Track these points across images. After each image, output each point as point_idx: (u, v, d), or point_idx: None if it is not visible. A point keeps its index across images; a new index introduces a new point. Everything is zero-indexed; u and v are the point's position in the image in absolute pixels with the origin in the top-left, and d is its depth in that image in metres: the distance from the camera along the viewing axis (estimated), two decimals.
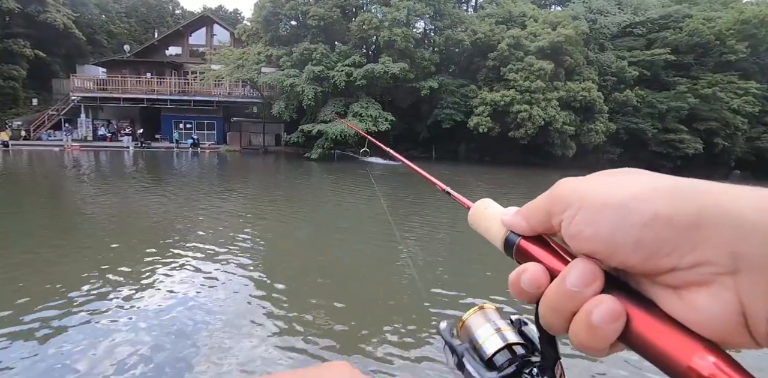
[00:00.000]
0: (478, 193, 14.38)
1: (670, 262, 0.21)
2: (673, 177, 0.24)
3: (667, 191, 0.22)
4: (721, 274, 0.20)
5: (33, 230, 7.31)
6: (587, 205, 0.24)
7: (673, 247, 0.21)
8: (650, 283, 0.23)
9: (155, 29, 39.24)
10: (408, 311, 4.58)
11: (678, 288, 0.22)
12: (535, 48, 23.36)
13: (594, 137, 24.79)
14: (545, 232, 0.28)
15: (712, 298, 0.20)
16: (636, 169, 0.26)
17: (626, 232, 0.22)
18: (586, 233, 0.24)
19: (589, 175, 0.27)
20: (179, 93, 27.62)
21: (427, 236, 8.03)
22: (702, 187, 0.22)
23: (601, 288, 0.24)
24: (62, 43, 30.63)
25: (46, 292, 4.61)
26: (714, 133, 26.18)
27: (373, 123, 21.68)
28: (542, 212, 0.28)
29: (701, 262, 0.21)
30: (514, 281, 0.28)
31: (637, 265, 0.23)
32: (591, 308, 0.23)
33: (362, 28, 22.31)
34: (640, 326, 0.22)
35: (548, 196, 0.28)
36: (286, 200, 11.75)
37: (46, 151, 22.61)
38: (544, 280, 0.26)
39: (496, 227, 0.32)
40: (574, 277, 0.24)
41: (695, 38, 26.78)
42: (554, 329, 0.26)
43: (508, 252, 0.30)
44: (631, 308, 0.23)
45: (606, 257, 0.24)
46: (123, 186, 12.68)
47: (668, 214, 0.21)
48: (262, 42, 24.57)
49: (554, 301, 0.25)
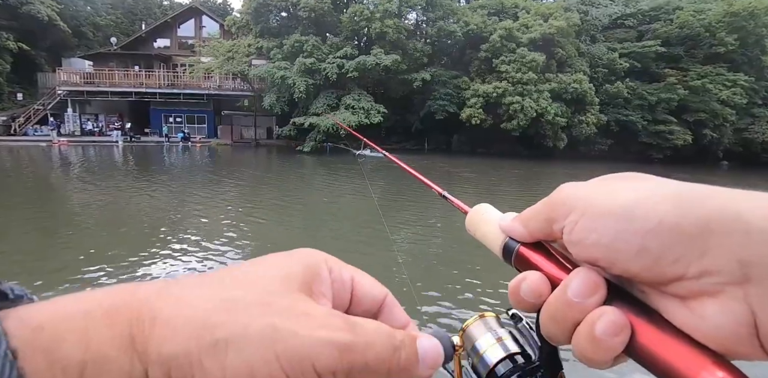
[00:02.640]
0: (478, 189, 14.45)
1: (676, 270, 0.21)
2: (677, 181, 0.23)
3: (673, 197, 0.22)
4: (731, 284, 0.19)
5: (19, 226, 7.20)
6: (590, 211, 0.24)
7: (680, 254, 0.21)
8: (656, 292, 0.22)
9: (142, 21, 38.44)
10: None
11: (685, 298, 0.21)
12: (527, 40, 23.35)
13: (585, 129, 24.95)
14: (545, 238, 0.28)
15: (721, 308, 0.20)
16: (639, 173, 0.26)
17: (630, 239, 0.22)
18: (589, 240, 0.23)
19: (590, 180, 0.26)
20: (168, 86, 27.21)
21: (421, 232, 8.06)
22: (708, 193, 0.21)
23: (604, 298, 0.23)
24: (47, 35, 29.94)
25: (34, 288, 4.57)
26: (703, 124, 26.48)
27: (366, 115, 21.60)
28: (542, 218, 0.27)
29: (709, 270, 0.20)
30: (514, 290, 0.27)
31: (641, 273, 0.22)
32: (594, 320, 0.22)
33: (354, 19, 22.10)
34: (645, 339, 0.21)
35: (549, 201, 0.27)
36: (277, 193, 11.70)
37: (33, 147, 22.21)
38: (545, 289, 0.26)
39: (494, 233, 0.31)
40: (575, 287, 0.23)
41: (685, 30, 26.93)
42: (556, 340, 0.26)
43: (507, 259, 0.30)
44: (636, 320, 0.22)
45: (609, 265, 0.23)
46: (113, 181, 12.52)
47: (674, 220, 0.21)
48: (252, 34, 24.24)
49: (555, 311, 0.24)
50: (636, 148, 26.99)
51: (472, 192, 12.36)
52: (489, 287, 4.91)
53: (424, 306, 4.35)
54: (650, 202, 0.22)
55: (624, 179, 0.25)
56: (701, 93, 26.18)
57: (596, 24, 28.74)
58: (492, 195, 11.95)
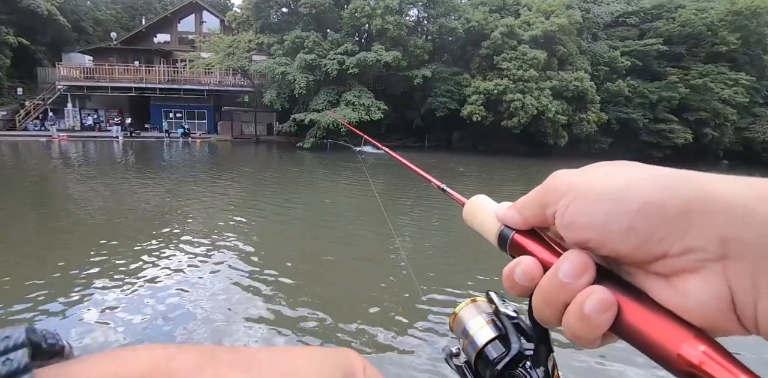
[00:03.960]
0: (479, 185, 14.44)
1: (661, 248, 0.22)
2: (665, 168, 0.24)
3: (658, 179, 0.23)
4: (711, 260, 0.20)
5: (23, 221, 7.20)
6: (581, 195, 0.25)
7: (664, 233, 0.22)
8: (642, 273, 0.24)
9: (142, 16, 38.25)
10: (400, 298, 4.62)
11: (669, 276, 0.22)
12: (529, 37, 23.26)
13: (586, 127, 24.91)
14: (539, 224, 0.29)
15: (702, 284, 0.21)
16: (627, 161, 0.27)
17: (619, 219, 0.23)
18: (579, 222, 0.25)
19: (581, 167, 0.27)
20: (168, 81, 27.11)
21: (422, 225, 8.06)
22: (692, 176, 0.23)
23: (592, 279, 0.24)
24: (46, 30, 29.79)
25: (34, 282, 4.57)
26: (704, 123, 26.44)
27: (366, 112, 21.55)
28: (536, 204, 0.28)
29: (692, 248, 0.21)
30: (508, 275, 0.28)
31: (629, 252, 0.23)
32: (583, 299, 0.23)
33: (354, 15, 22.01)
34: (630, 316, 0.23)
35: (542, 188, 0.28)
36: (278, 189, 11.69)
37: (33, 142, 22.18)
38: (538, 272, 0.27)
39: (490, 222, 0.32)
40: (566, 268, 0.24)
41: (687, 29, 26.84)
42: (547, 321, 0.27)
43: (502, 246, 0.30)
44: (622, 298, 0.23)
45: (598, 246, 0.24)
46: (114, 176, 12.51)
47: (659, 201, 0.22)
48: (252, 29, 24.14)
49: (547, 292, 0.25)
50: (636, 147, 26.95)
51: (475, 188, 12.36)
52: (493, 274, 4.92)
53: (427, 295, 4.35)
54: (637, 185, 0.23)
55: (613, 165, 0.27)
56: (702, 92, 26.13)
57: (598, 22, 28.64)
58: (492, 195, 11.90)
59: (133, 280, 4.64)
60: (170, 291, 4.40)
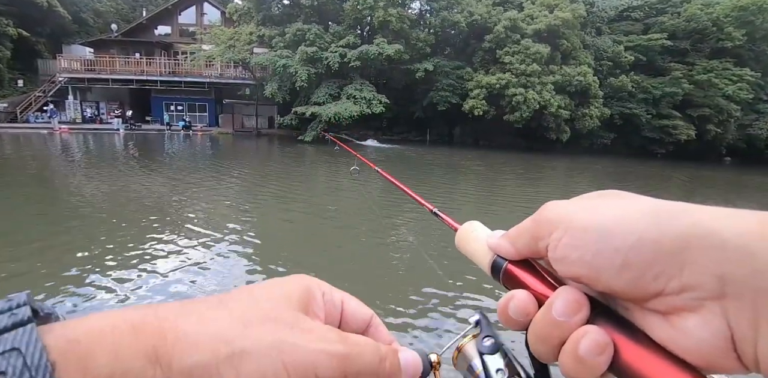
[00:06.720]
0: (480, 183, 14.43)
1: (656, 286, 0.21)
2: (654, 199, 0.24)
3: (651, 213, 0.22)
4: (709, 299, 0.20)
5: (24, 214, 7.21)
6: (572, 228, 0.24)
7: (659, 270, 0.21)
8: (638, 309, 0.23)
9: (143, 8, 37.97)
10: (419, 280, 4.62)
11: (666, 313, 0.22)
12: (532, 31, 23.08)
13: (588, 122, 24.80)
14: (532, 256, 0.28)
15: (701, 323, 0.20)
16: (619, 191, 0.26)
17: (611, 255, 0.22)
18: (572, 257, 0.24)
19: (574, 197, 0.27)
20: (169, 74, 27.01)
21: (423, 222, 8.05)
22: (684, 208, 0.22)
23: (587, 317, 0.24)
24: (46, 21, 29.62)
25: (37, 275, 4.57)
26: (707, 119, 26.30)
27: (367, 105, 21.46)
28: (529, 235, 0.27)
29: (689, 286, 0.20)
30: (503, 309, 0.27)
31: (623, 289, 0.22)
32: (578, 339, 0.23)
33: (356, 8, 21.82)
34: (627, 357, 0.22)
35: (534, 219, 0.27)
36: (278, 181, 11.67)
37: (34, 134, 22.14)
38: (532, 307, 0.26)
39: (482, 251, 0.31)
40: (559, 306, 0.24)
41: (692, 24, 26.61)
42: (544, 358, 0.26)
43: (496, 276, 0.30)
44: (619, 338, 0.22)
45: (592, 282, 0.24)
46: (115, 168, 12.51)
47: (654, 236, 0.21)
48: (254, 22, 23.97)
49: (541, 330, 0.25)
50: (638, 143, 26.87)
51: (475, 185, 12.33)
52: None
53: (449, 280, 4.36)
54: (630, 219, 0.22)
55: (605, 197, 0.26)
56: (706, 88, 25.96)
57: (602, 16, 28.40)
58: (493, 194, 11.92)
59: (134, 270, 4.64)
60: (171, 278, 4.41)
